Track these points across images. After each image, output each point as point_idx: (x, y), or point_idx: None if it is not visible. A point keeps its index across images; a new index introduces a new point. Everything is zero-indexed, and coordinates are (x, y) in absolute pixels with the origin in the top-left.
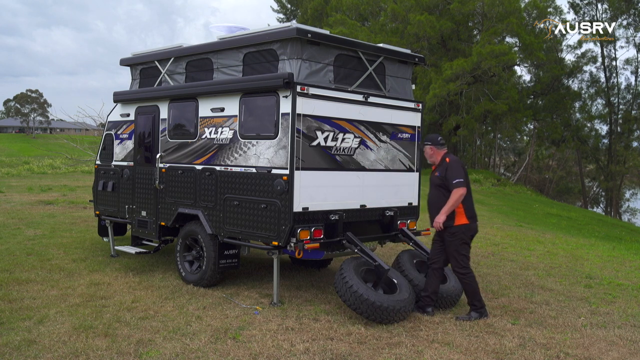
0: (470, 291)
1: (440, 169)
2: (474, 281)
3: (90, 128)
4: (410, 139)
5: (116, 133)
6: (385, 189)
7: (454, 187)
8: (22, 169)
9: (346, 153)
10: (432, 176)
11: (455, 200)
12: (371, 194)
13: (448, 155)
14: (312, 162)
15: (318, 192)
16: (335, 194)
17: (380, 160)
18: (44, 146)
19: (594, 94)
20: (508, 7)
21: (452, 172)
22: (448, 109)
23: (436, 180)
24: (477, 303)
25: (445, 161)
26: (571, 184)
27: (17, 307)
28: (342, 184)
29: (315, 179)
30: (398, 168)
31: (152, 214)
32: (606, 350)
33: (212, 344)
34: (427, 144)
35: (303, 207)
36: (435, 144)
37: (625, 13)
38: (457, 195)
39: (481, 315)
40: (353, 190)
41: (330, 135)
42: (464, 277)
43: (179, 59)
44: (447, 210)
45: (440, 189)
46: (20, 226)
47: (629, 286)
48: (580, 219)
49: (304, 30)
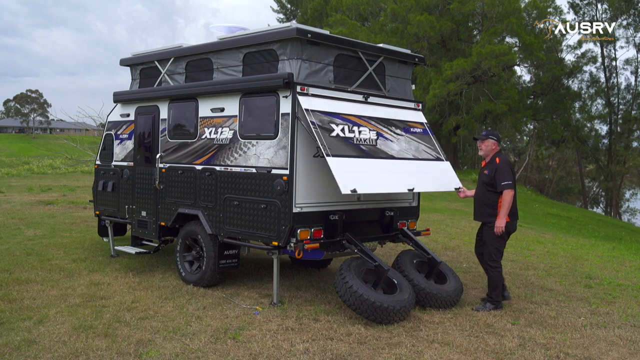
0: (493, 285)
1: (489, 168)
2: (500, 277)
3: (90, 128)
4: (424, 132)
5: (116, 133)
6: (424, 175)
7: (503, 188)
8: (22, 169)
9: (369, 143)
10: (481, 173)
11: (508, 202)
12: (414, 179)
13: (499, 155)
14: (339, 149)
15: (364, 177)
16: (379, 179)
17: (405, 151)
18: (44, 146)
19: (594, 94)
20: (508, 7)
21: (502, 174)
22: (448, 109)
23: (484, 178)
24: (496, 297)
25: (495, 161)
26: (571, 184)
27: (17, 307)
28: (382, 170)
29: (352, 165)
30: (427, 157)
31: (152, 214)
32: (606, 351)
33: (212, 344)
34: (492, 138)
35: (351, 189)
36: (497, 140)
37: (625, 13)
38: (508, 197)
39: (496, 307)
40: (395, 176)
41: (346, 128)
42: (493, 271)
43: (179, 59)
44: (504, 214)
45: (486, 187)
46: (20, 226)
47: (629, 286)
48: (580, 219)
49: (304, 30)
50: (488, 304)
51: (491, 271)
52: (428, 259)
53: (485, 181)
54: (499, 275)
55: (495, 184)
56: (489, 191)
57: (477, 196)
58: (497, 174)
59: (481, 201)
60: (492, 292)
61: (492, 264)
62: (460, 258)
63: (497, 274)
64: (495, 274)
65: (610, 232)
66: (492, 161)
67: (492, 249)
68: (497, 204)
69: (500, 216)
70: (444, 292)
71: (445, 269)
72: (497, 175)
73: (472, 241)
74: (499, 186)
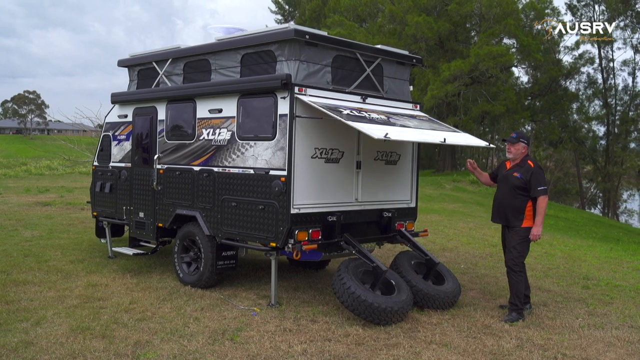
0: (515, 290)
1: (521, 171)
2: (522, 281)
3: (88, 129)
4: (430, 119)
5: (114, 134)
6: (450, 134)
7: (540, 194)
8: (20, 170)
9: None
10: (509, 175)
11: (544, 208)
12: (442, 135)
13: (530, 159)
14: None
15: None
16: (408, 132)
17: (421, 124)
18: (41, 147)
19: (592, 95)
20: (506, 8)
21: (539, 179)
22: (446, 110)
23: (515, 181)
24: (519, 303)
25: (528, 164)
26: (569, 185)
27: (14, 308)
28: (407, 130)
29: (374, 125)
30: (445, 130)
31: (149, 215)
32: (604, 351)
33: (209, 346)
34: (523, 141)
35: (384, 135)
36: (527, 143)
37: (622, 14)
38: (544, 203)
39: (520, 316)
40: (422, 132)
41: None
42: (514, 274)
43: (177, 60)
44: (541, 220)
45: (517, 190)
46: (17, 227)
47: (627, 287)
48: (578, 220)
49: (301, 31)
50: (514, 314)
51: (514, 275)
52: (426, 260)
53: (516, 184)
54: (521, 280)
55: (529, 188)
56: (520, 195)
57: (503, 199)
58: (532, 178)
59: (509, 204)
60: (516, 298)
61: (516, 268)
62: (458, 259)
63: (520, 278)
64: (519, 278)
65: (608, 233)
66: (525, 164)
67: (516, 254)
68: (526, 208)
69: (537, 223)
70: (442, 293)
71: (443, 270)
72: (532, 180)
73: (469, 242)
74: (534, 191)
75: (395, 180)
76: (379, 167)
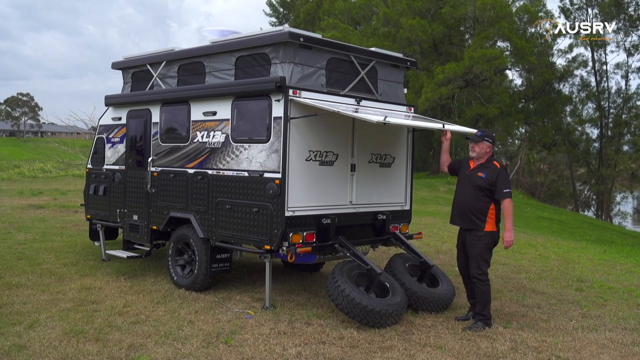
0: (483, 300)
1: (487, 171)
2: (489, 290)
3: (82, 132)
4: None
5: (108, 137)
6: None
7: (506, 197)
8: (13, 172)
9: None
10: (473, 175)
11: (512, 212)
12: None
13: (495, 159)
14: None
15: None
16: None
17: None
18: (35, 150)
19: (585, 98)
20: (499, 11)
21: (505, 181)
22: (440, 113)
23: (480, 182)
24: (487, 314)
25: (494, 165)
26: (562, 187)
27: (7, 311)
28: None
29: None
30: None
31: (143, 218)
32: (597, 354)
33: (204, 349)
34: (488, 140)
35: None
36: (493, 143)
37: (615, 18)
38: (511, 206)
39: (487, 325)
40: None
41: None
42: (482, 284)
43: (171, 63)
44: (512, 225)
45: (481, 191)
46: (10, 230)
47: (620, 289)
48: (572, 222)
49: (296, 34)
50: (480, 323)
51: (481, 285)
52: (420, 262)
53: (480, 185)
54: (488, 289)
55: (494, 190)
56: (483, 196)
57: (464, 200)
58: (498, 180)
59: (470, 206)
60: (483, 309)
61: (480, 276)
62: (452, 261)
63: (486, 287)
64: (484, 287)
65: (602, 235)
66: (490, 165)
67: (481, 261)
68: (488, 211)
69: (508, 227)
70: (436, 295)
71: (438, 273)
72: (498, 181)
73: None
74: (500, 194)
75: (390, 182)
76: (373, 169)
